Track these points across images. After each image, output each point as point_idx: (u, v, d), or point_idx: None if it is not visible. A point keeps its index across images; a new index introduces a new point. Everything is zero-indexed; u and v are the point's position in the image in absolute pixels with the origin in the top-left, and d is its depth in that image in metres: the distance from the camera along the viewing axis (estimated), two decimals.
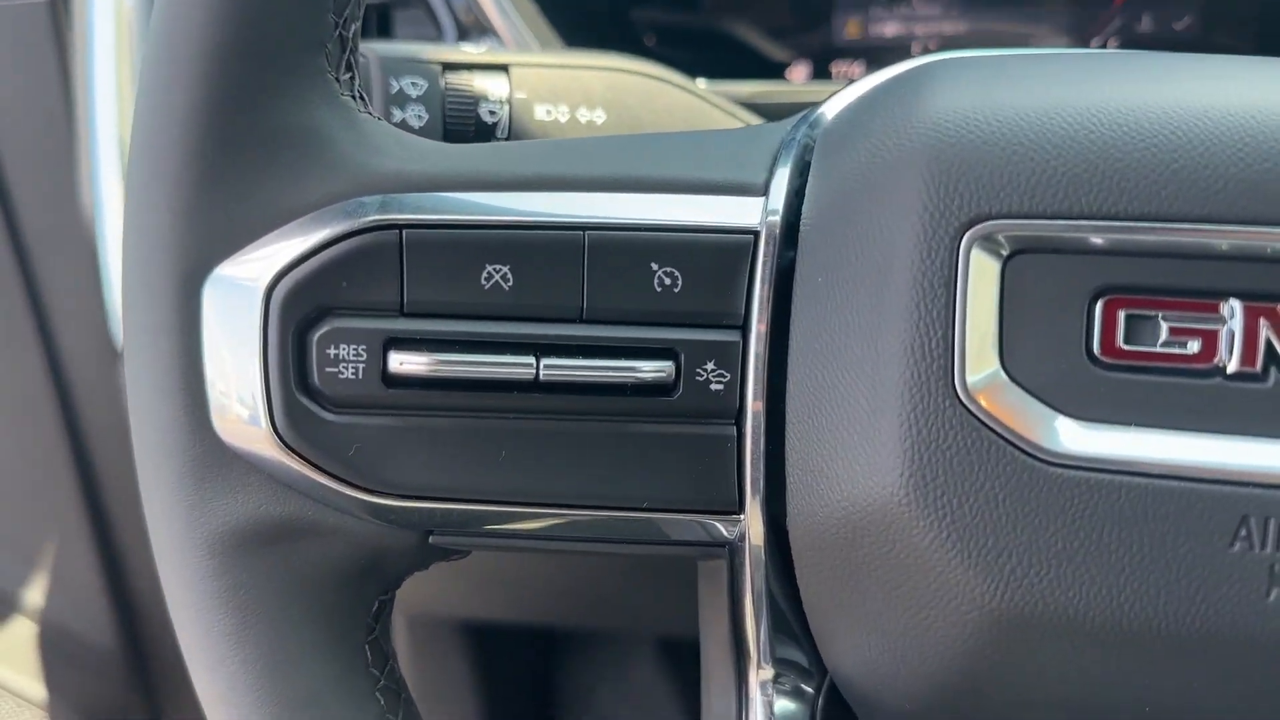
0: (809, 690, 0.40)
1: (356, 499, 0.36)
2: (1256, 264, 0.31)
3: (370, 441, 0.35)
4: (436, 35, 0.74)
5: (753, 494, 0.36)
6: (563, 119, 0.53)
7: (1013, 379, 0.32)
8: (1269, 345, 0.31)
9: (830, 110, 0.40)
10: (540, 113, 0.53)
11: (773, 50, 0.82)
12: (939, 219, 0.32)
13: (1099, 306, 0.32)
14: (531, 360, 0.35)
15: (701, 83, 0.72)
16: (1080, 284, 0.32)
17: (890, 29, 0.81)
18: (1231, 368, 0.31)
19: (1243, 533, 0.31)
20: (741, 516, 0.37)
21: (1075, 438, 0.32)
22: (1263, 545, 0.31)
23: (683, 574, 0.51)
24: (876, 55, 0.81)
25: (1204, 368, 0.31)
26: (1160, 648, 0.32)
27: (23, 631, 0.91)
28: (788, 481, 0.35)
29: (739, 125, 0.59)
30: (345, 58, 0.36)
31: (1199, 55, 0.40)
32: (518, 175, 0.36)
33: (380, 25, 0.75)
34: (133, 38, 0.72)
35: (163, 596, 0.87)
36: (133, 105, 0.71)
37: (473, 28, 0.73)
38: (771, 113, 0.68)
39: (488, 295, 0.35)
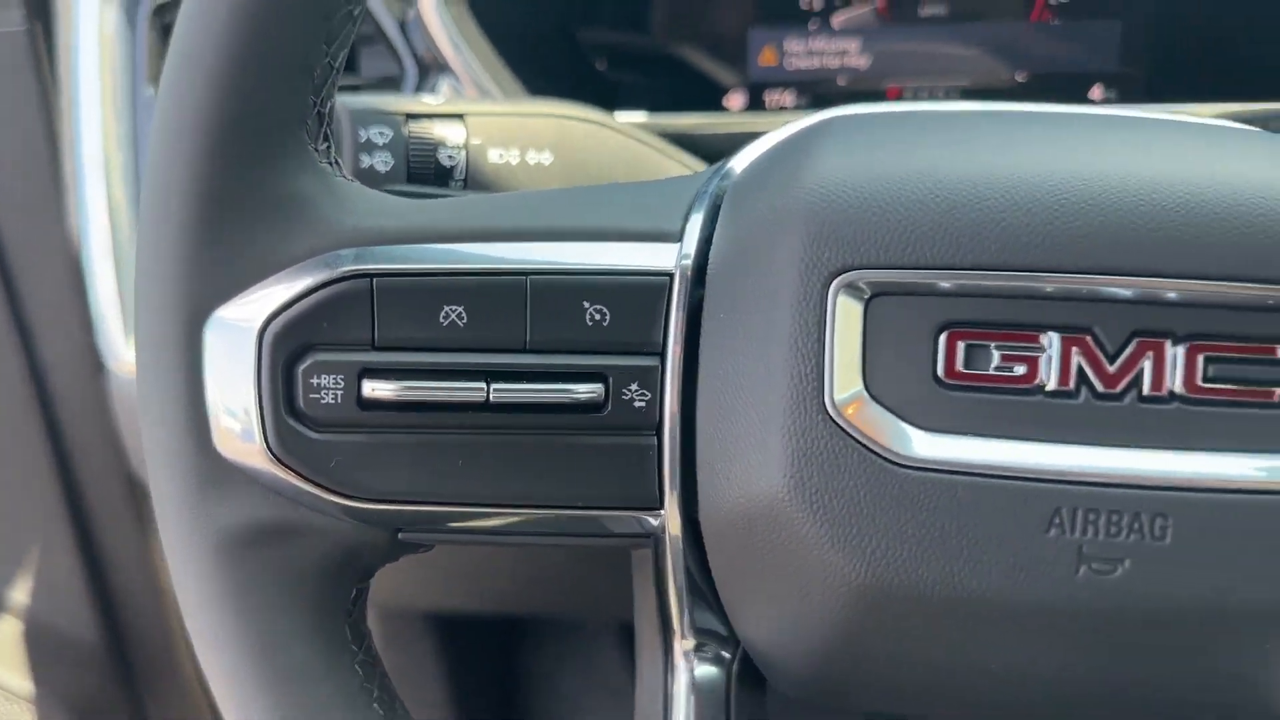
0: (726, 657, 0.47)
1: (336, 503, 0.42)
2: (1069, 303, 0.38)
3: (348, 455, 0.41)
4: (399, 72, 0.80)
5: (670, 492, 0.42)
6: (514, 161, 0.60)
7: (874, 398, 0.38)
8: (1079, 369, 0.38)
9: (738, 165, 0.46)
10: (494, 156, 0.59)
11: (711, 78, 0.88)
12: (813, 269, 0.39)
13: (943, 338, 0.38)
14: (483, 385, 0.41)
15: (643, 116, 0.79)
16: (928, 320, 0.38)
17: (810, 61, 0.87)
18: (1050, 386, 0.38)
19: (1056, 521, 0.37)
20: (662, 511, 0.43)
21: (924, 445, 0.38)
22: (1072, 531, 0.37)
23: (630, 563, 0.57)
24: (806, 86, 0.87)
25: (1028, 387, 0.38)
26: (994, 617, 0.38)
27: (9, 630, 0.95)
28: (698, 482, 0.42)
29: (672, 163, 0.65)
30: (323, 130, 0.42)
31: (1052, 114, 0.47)
32: (471, 228, 0.42)
33: (348, 62, 0.81)
34: (114, 62, 0.77)
35: (143, 593, 0.93)
36: (117, 127, 0.76)
37: (432, 65, 0.79)
38: (708, 144, 0.75)
39: (445, 331, 0.41)
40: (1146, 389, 0.37)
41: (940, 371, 0.38)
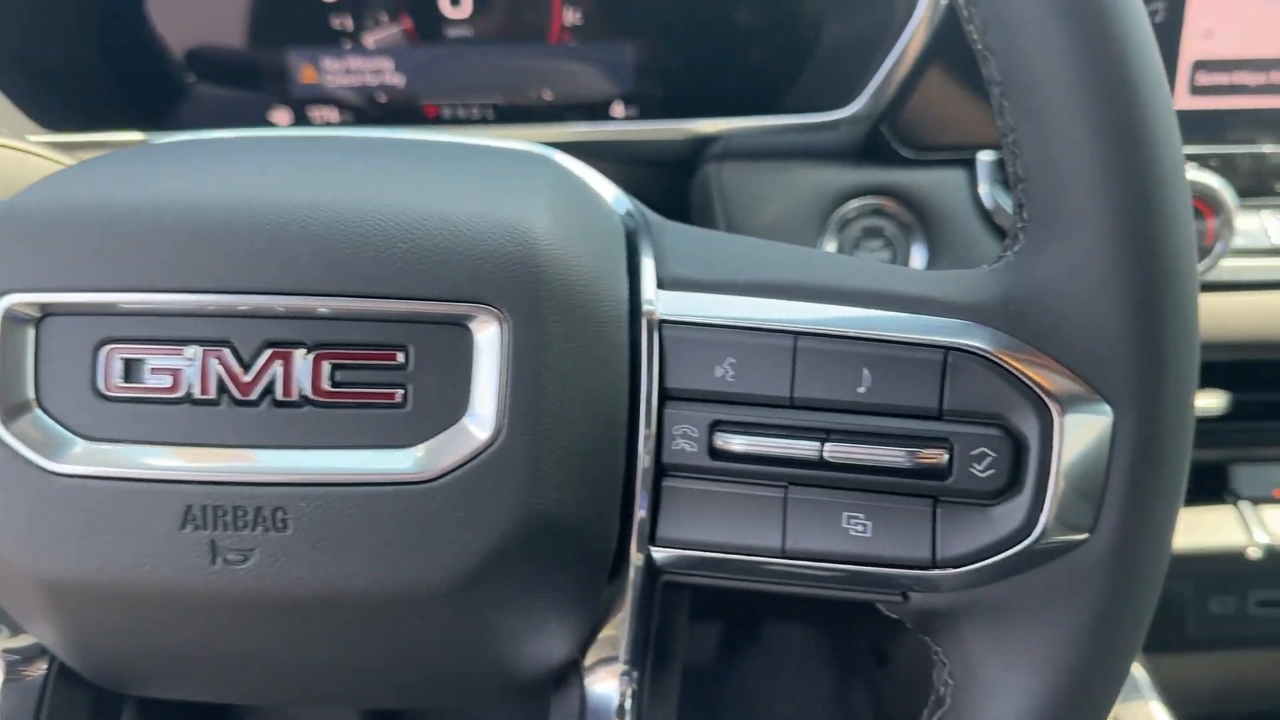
0: (46, 658, 0.49)
1: None
2: (211, 318, 0.41)
3: None
4: None
5: None
6: None
7: (45, 411, 0.42)
8: (219, 378, 0.41)
9: None
10: None
11: (259, 96, 0.90)
12: None
13: (103, 354, 0.41)
14: None
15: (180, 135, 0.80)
16: (89, 337, 0.41)
17: (349, 79, 0.90)
18: (196, 395, 0.41)
19: (191, 518, 0.41)
20: None
21: (85, 454, 0.41)
22: (204, 526, 0.41)
23: None
24: (349, 103, 0.90)
25: (176, 396, 0.41)
26: (153, 605, 0.42)
27: None
28: None
29: None
30: None
31: (296, 140, 0.50)
32: None
33: None
34: None
35: None
36: None
37: None
38: None
39: None
40: (279, 394, 0.41)
41: (101, 385, 0.42)
